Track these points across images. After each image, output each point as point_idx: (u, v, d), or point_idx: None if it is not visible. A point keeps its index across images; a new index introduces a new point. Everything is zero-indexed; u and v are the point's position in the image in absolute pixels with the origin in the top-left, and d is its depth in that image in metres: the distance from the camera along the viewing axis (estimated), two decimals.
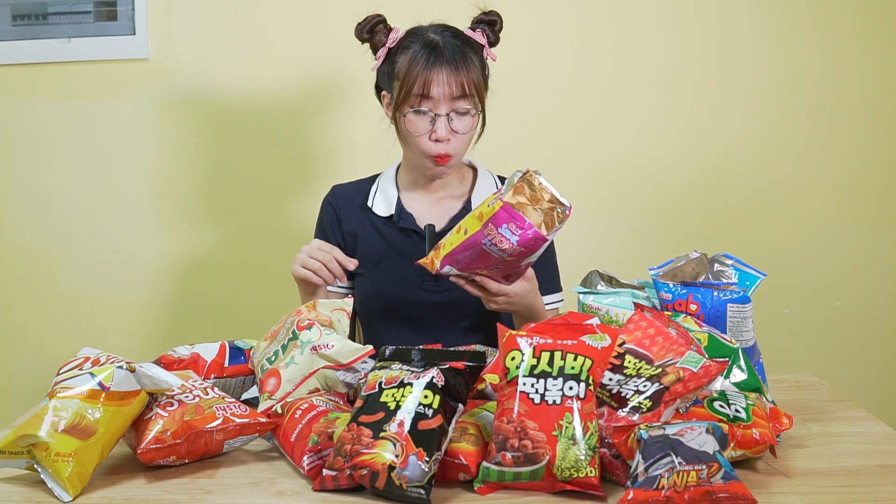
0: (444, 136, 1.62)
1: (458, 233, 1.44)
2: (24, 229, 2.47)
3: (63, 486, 1.13)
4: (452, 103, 1.62)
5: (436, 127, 1.62)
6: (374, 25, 1.68)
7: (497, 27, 1.70)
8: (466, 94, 1.62)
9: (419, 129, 1.63)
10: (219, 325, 2.47)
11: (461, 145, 1.66)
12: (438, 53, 1.61)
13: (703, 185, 2.45)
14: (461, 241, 1.42)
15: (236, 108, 2.43)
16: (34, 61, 2.41)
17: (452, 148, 1.64)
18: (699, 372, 1.17)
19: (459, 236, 1.43)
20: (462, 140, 1.65)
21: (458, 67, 1.61)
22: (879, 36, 2.42)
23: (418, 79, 1.61)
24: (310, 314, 1.41)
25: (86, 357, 1.28)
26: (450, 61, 1.61)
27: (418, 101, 1.62)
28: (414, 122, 1.63)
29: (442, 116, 1.62)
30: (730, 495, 1.06)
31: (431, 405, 1.13)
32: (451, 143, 1.64)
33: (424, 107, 1.62)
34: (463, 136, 1.65)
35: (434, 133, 1.62)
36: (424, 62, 1.61)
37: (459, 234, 1.43)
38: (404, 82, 1.62)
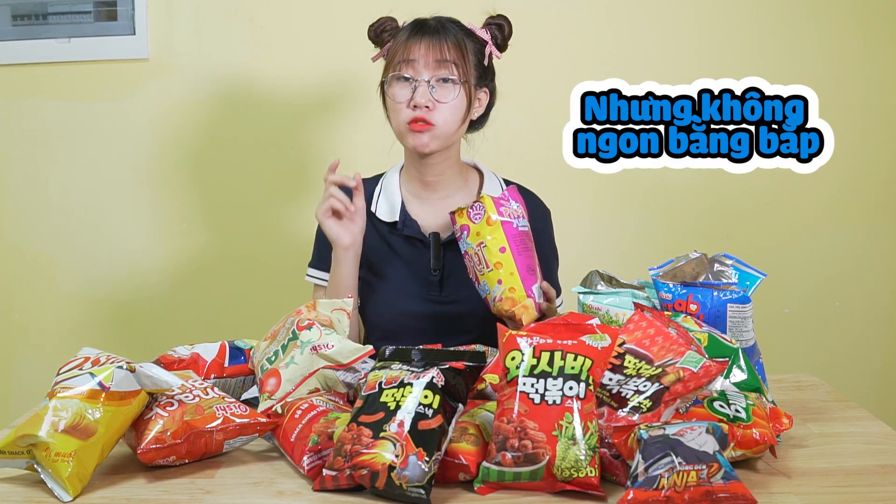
0: (422, 103, 1.61)
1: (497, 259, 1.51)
2: (24, 229, 2.47)
3: (63, 486, 1.13)
4: (434, 71, 1.62)
5: (416, 94, 1.62)
6: (384, 27, 1.69)
7: (505, 31, 1.70)
8: (448, 61, 1.62)
9: (400, 95, 1.63)
10: (219, 325, 2.46)
11: (444, 119, 1.63)
12: (424, 25, 1.65)
13: (704, 185, 2.45)
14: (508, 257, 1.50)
15: (236, 108, 2.43)
16: (34, 61, 2.41)
17: (434, 118, 1.62)
18: (699, 372, 1.17)
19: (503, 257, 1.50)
20: (445, 112, 1.63)
21: (441, 37, 1.63)
22: (879, 36, 2.41)
23: (402, 47, 1.63)
24: (310, 314, 1.41)
25: (86, 357, 1.27)
26: (434, 31, 1.63)
27: (400, 67, 1.63)
28: (396, 90, 1.64)
29: (423, 83, 1.62)
30: (730, 495, 1.06)
31: (431, 405, 1.13)
32: (433, 113, 1.62)
33: (406, 72, 1.62)
34: (446, 107, 1.63)
35: (413, 100, 1.62)
36: (409, 33, 1.64)
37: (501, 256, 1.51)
38: (390, 54, 1.66)
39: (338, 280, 1.67)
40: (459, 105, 1.65)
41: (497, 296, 1.49)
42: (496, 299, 1.50)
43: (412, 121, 1.62)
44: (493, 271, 1.49)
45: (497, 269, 1.49)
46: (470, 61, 1.65)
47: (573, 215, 2.40)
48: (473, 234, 1.51)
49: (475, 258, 1.51)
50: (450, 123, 1.64)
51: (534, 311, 1.49)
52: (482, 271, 1.51)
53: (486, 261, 1.50)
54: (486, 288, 1.51)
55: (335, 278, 1.67)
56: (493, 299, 1.50)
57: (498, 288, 1.49)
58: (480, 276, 1.51)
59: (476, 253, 1.51)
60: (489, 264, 1.49)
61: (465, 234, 1.52)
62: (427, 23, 1.66)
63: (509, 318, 1.51)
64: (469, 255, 1.53)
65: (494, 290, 1.50)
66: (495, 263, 1.49)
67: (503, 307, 1.49)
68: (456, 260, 1.71)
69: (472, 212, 1.52)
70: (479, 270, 1.51)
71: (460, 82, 1.63)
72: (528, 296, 1.49)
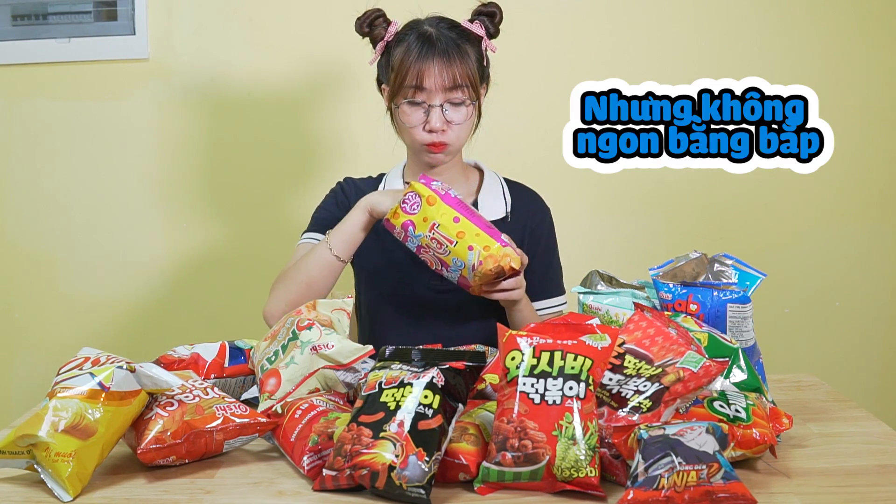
0: (437, 127, 1.62)
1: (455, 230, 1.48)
2: (24, 229, 2.47)
3: (63, 486, 1.13)
4: (446, 94, 1.62)
5: (430, 118, 1.62)
6: (373, 19, 1.68)
7: (497, 19, 1.70)
8: (460, 85, 1.62)
9: (413, 120, 1.64)
10: (219, 325, 2.47)
11: (457, 135, 1.66)
12: (431, 45, 1.63)
13: (704, 185, 2.45)
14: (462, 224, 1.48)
15: (236, 108, 2.43)
16: (34, 61, 2.41)
17: (448, 138, 1.64)
18: (699, 372, 1.17)
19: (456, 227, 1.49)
20: (458, 130, 1.65)
21: (451, 58, 1.62)
22: (879, 36, 2.42)
23: (411, 70, 1.62)
24: (310, 314, 1.41)
25: (86, 357, 1.27)
26: (443, 52, 1.62)
27: (412, 93, 1.63)
28: (408, 114, 1.64)
29: (436, 107, 1.62)
30: (730, 495, 1.06)
31: (431, 405, 1.13)
32: (447, 133, 1.64)
33: (418, 98, 1.63)
34: (458, 127, 1.65)
35: (428, 124, 1.63)
36: (417, 53, 1.62)
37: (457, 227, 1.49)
38: (398, 74, 1.63)
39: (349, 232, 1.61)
40: (471, 121, 1.68)
41: (475, 262, 1.46)
42: (475, 266, 1.46)
43: (429, 144, 1.64)
44: (458, 244, 1.47)
45: (461, 238, 1.47)
46: (475, 71, 1.65)
47: (573, 215, 2.40)
48: (420, 223, 1.49)
49: (433, 244, 1.48)
50: (462, 139, 1.68)
51: (516, 255, 1.47)
52: (446, 251, 1.48)
53: (446, 239, 1.47)
54: (459, 263, 1.48)
55: (348, 230, 1.61)
56: (472, 268, 1.46)
57: (472, 254, 1.46)
58: (447, 258, 1.48)
59: (433, 238, 1.48)
60: (452, 239, 1.47)
61: (412, 229, 1.49)
62: (431, 38, 1.63)
63: (497, 276, 1.48)
64: (424, 246, 1.50)
65: (469, 258, 1.46)
66: (457, 234, 1.47)
67: (487, 268, 1.45)
68: None
69: (406, 206, 1.50)
70: (443, 252, 1.48)
71: (472, 102, 1.65)
72: (503, 245, 1.47)
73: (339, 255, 1.61)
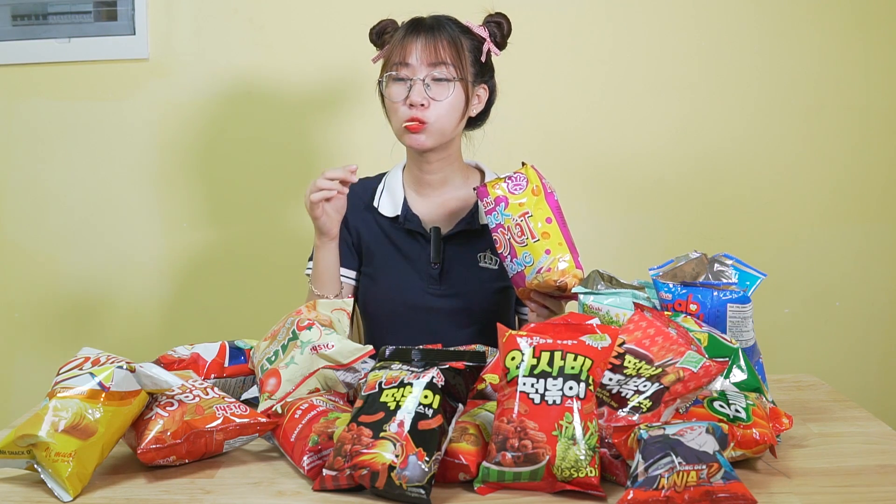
0: (417, 101, 1.62)
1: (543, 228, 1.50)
2: (24, 229, 2.47)
3: (63, 486, 1.13)
4: (429, 70, 1.63)
5: (411, 92, 1.63)
6: (385, 28, 1.70)
7: (504, 29, 1.71)
8: (444, 62, 1.63)
9: (396, 95, 1.64)
10: (219, 325, 2.47)
11: (438, 115, 1.64)
12: (420, 24, 1.66)
13: (704, 185, 2.45)
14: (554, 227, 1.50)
15: (236, 108, 2.43)
16: (34, 61, 2.41)
17: (428, 115, 1.63)
18: (699, 372, 1.17)
19: (549, 227, 1.50)
20: (439, 109, 1.64)
21: (437, 36, 1.64)
22: (879, 36, 2.41)
23: (397, 47, 1.64)
24: (310, 314, 1.41)
25: (86, 357, 1.27)
26: (428, 30, 1.64)
27: (397, 69, 1.64)
28: (392, 89, 1.65)
29: (418, 81, 1.62)
30: (730, 495, 1.06)
31: (431, 405, 1.13)
32: (428, 111, 1.63)
33: (402, 73, 1.63)
34: (441, 105, 1.64)
35: (409, 98, 1.63)
36: (405, 32, 1.65)
37: (548, 226, 1.50)
38: (386, 53, 1.67)
39: (325, 268, 1.69)
40: (455, 103, 1.65)
41: (545, 266, 1.48)
42: (543, 269, 1.48)
43: (408, 120, 1.63)
44: (539, 241, 1.49)
45: (544, 239, 1.49)
46: (466, 58, 1.66)
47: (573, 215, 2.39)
48: (515, 206, 1.50)
49: (515, 230, 1.50)
50: (444, 120, 1.65)
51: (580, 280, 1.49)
52: (525, 242, 1.49)
53: (530, 231, 1.49)
54: (529, 259, 1.50)
55: (323, 267, 1.69)
56: (539, 270, 1.49)
57: (546, 258, 1.48)
58: (521, 248, 1.50)
59: (518, 224, 1.50)
60: (535, 234, 1.49)
61: (503, 206, 1.51)
62: (423, 22, 1.67)
63: (557, 287, 1.50)
64: (505, 227, 1.51)
65: (540, 261, 1.49)
66: (542, 234, 1.49)
67: (551, 277, 1.48)
68: (456, 254, 1.73)
69: (510, 182, 1.52)
70: (521, 242, 1.50)
71: (456, 80, 1.64)
72: (578, 266, 1.50)
73: (333, 294, 1.69)
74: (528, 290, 1.53)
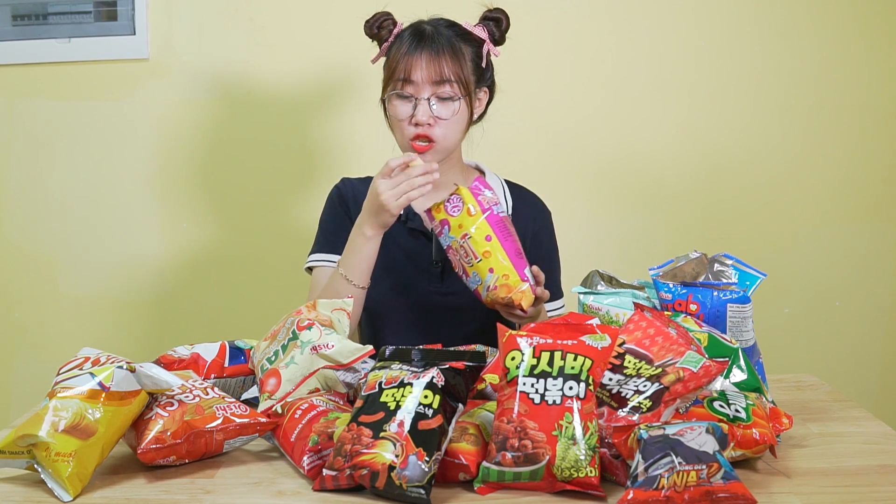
0: (423, 121, 1.62)
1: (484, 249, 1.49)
2: (24, 229, 2.47)
3: (63, 486, 1.13)
4: (434, 88, 1.62)
5: (416, 111, 1.62)
6: (381, 22, 1.69)
7: (503, 25, 1.70)
8: (448, 80, 1.62)
9: (401, 113, 1.64)
10: (219, 325, 2.47)
11: (445, 133, 1.64)
12: (422, 38, 1.64)
13: (704, 185, 2.45)
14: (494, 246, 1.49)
15: (236, 108, 2.43)
16: (34, 61, 2.41)
17: (434, 134, 1.63)
18: (699, 372, 1.17)
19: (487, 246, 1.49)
20: (446, 127, 1.64)
21: (441, 52, 1.62)
22: (879, 36, 2.42)
23: (401, 62, 1.63)
24: (310, 314, 1.41)
25: (86, 357, 1.27)
26: (432, 46, 1.63)
27: (401, 85, 1.63)
28: (397, 107, 1.65)
29: (423, 101, 1.62)
30: (730, 495, 1.06)
31: (431, 405, 1.13)
32: (434, 129, 1.63)
33: (406, 91, 1.63)
34: (446, 123, 1.64)
35: (415, 117, 1.63)
36: (408, 47, 1.64)
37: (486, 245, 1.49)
38: (389, 67, 1.65)
39: (373, 259, 1.62)
40: (460, 118, 1.66)
41: (490, 284, 1.48)
42: (490, 288, 1.49)
43: (414, 138, 1.63)
44: (482, 261, 1.49)
45: (486, 258, 1.49)
46: (468, 69, 1.65)
47: (573, 215, 2.40)
48: (455, 228, 1.50)
49: (461, 251, 1.50)
50: (451, 137, 1.66)
51: (531, 294, 1.49)
52: (470, 263, 1.50)
53: (473, 252, 1.49)
54: (478, 279, 1.50)
55: (372, 258, 1.62)
56: (487, 289, 1.49)
57: (490, 277, 1.48)
58: (469, 268, 1.50)
59: (461, 246, 1.50)
60: (477, 255, 1.49)
61: (447, 229, 1.51)
62: (424, 33, 1.65)
63: (506, 305, 1.50)
64: (454, 248, 1.52)
65: (487, 279, 1.49)
66: (483, 253, 1.48)
67: (499, 295, 1.48)
68: None
69: (448, 205, 1.51)
70: (468, 262, 1.50)
71: (460, 97, 1.64)
72: (522, 279, 1.49)
73: (366, 286, 1.63)
74: (488, 303, 1.54)
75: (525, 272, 1.50)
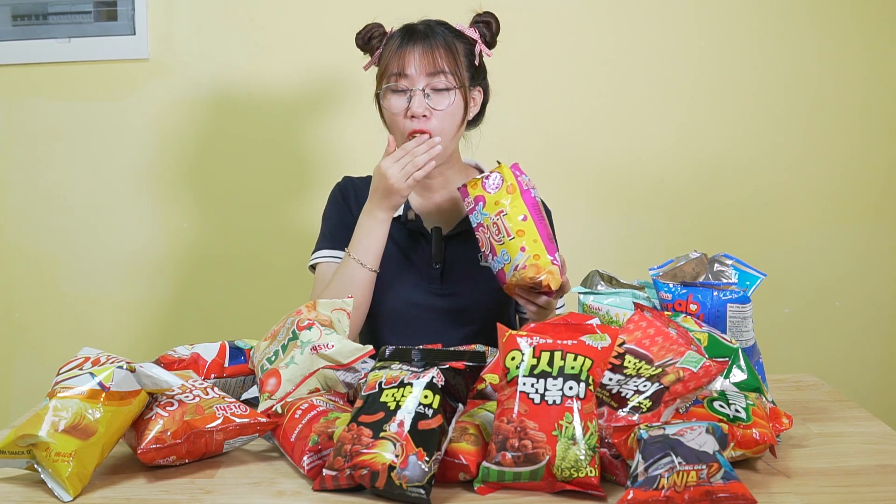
0: (419, 112, 1.62)
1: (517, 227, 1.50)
2: (24, 229, 2.47)
3: (63, 486, 1.13)
4: (428, 80, 1.63)
5: (412, 103, 1.63)
6: (372, 33, 1.69)
7: (493, 28, 1.71)
8: (442, 71, 1.63)
9: (397, 107, 1.64)
10: (219, 325, 2.47)
11: (442, 125, 1.64)
12: (414, 33, 1.65)
13: (704, 185, 2.45)
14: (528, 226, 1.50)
15: (236, 108, 2.43)
16: (34, 61, 2.41)
17: (431, 126, 1.63)
18: (699, 372, 1.17)
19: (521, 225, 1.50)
20: (442, 119, 1.64)
21: (434, 44, 1.63)
22: (879, 36, 2.42)
23: (394, 57, 1.64)
24: (310, 314, 1.41)
25: (86, 357, 1.27)
26: (425, 39, 1.64)
27: (395, 79, 1.64)
28: (392, 101, 1.65)
29: (418, 92, 1.62)
30: (730, 495, 1.06)
31: (431, 405, 1.13)
32: (430, 120, 1.63)
33: (401, 84, 1.63)
34: (442, 115, 1.64)
35: (410, 109, 1.63)
36: (400, 41, 1.65)
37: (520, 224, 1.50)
38: (382, 63, 1.66)
39: (384, 241, 1.64)
40: (456, 110, 1.66)
41: (520, 264, 1.49)
42: (518, 267, 1.49)
43: (411, 133, 1.63)
44: (514, 239, 1.50)
45: (519, 236, 1.50)
46: (462, 64, 1.66)
47: (573, 215, 2.40)
48: (491, 204, 1.51)
49: (493, 228, 1.51)
50: (447, 130, 1.66)
51: (559, 276, 1.50)
52: (501, 240, 1.50)
53: (506, 229, 1.50)
54: (506, 257, 1.50)
55: (383, 240, 1.64)
56: (515, 268, 1.50)
57: (521, 256, 1.49)
58: (499, 246, 1.51)
59: (494, 223, 1.51)
60: (510, 232, 1.50)
61: (481, 205, 1.52)
62: (416, 29, 1.66)
63: (531, 287, 1.51)
64: (484, 226, 1.52)
65: (517, 259, 1.49)
66: (517, 231, 1.50)
67: (527, 274, 1.49)
68: (457, 254, 1.73)
69: (486, 182, 1.53)
70: (498, 240, 1.51)
71: (455, 88, 1.64)
72: (552, 262, 1.50)
73: (377, 269, 1.65)
74: (511, 286, 1.54)
75: (556, 256, 1.51)
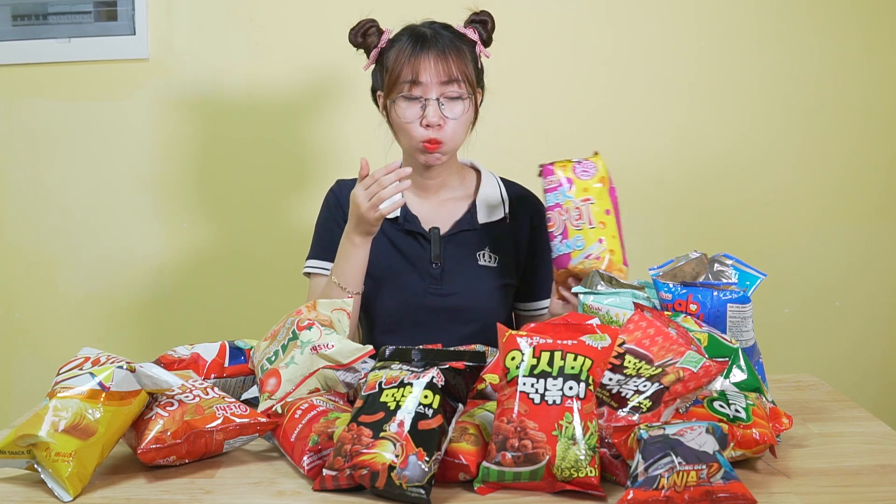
0: (434, 121, 1.62)
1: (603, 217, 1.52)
2: (24, 229, 2.47)
3: (63, 486, 1.13)
4: (442, 88, 1.63)
5: (426, 112, 1.62)
6: (366, 30, 1.68)
7: (489, 26, 1.71)
8: (456, 80, 1.63)
9: (410, 115, 1.64)
10: (219, 325, 2.47)
11: (454, 132, 1.65)
12: (426, 40, 1.64)
13: (704, 185, 2.45)
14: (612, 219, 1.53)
15: (236, 108, 2.43)
16: (34, 61, 2.41)
17: (444, 134, 1.63)
18: (699, 372, 1.17)
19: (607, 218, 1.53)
20: (454, 127, 1.64)
21: (447, 53, 1.63)
22: (879, 36, 2.42)
23: (406, 65, 1.62)
24: (310, 314, 1.41)
25: (86, 357, 1.27)
26: (437, 47, 1.63)
27: (408, 88, 1.63)
28: (405, 109, 1.64)
29: (432, 101, 1.62)
30: (730, 495, 1.06)
31: (431, 405, 1.13)
32: (444, 129, 1.63)
33: (415, 93, 1.63)
34: (455, 123, 1.64)
35: (425, 118, 1.62)
36: (412, 49, 1.63)
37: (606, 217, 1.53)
38: (393, 71, 1.64)
39: (363, 265, 1.64)
40: (467, 118, 1.67)
41: (595, 253, 1.51)
42: (590, 256, 1.51)
43: (426, 141, 1.63)
44: (595, 229, 1.51)
45: (600, 228, 1.52)
46: (471, 69, 1.66)
47: None
48: (580, 189, 1.52)
49: (573, 212, 1.52)
50: (459, 137, 1.67)
51: (626, 278, 1.51)
52: (580, 226, 1.52)
53: (590, 217, 1.51)
54: (579, 244, 1.52)
55: (362, 265, 1.64)
56: (587, 255, 1.51)
57: (597, 246, 1.51)
58: (574, 231, 1.52)
59: (577, 207, 1.52)
60: (593, 221, 1.51)
61: (568, 187, 1.53)
62: (425, 36, 1.65)
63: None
64: (564, 207, 1.53)
65: (591, 248, 1.51)
66: (600, 222, 1.51)
67: (597, 265, 1.50)
68: (455, 254, 1.73)
69: (579, 167, 1.54)
70: (577, 225, 1.52)
71: (468, 97, 1.64)
72: (624, 263, 1.52)
73: (359, 291, 1.66)
74: (567, 272, 1.54)
75: (626, 257, 1.54)
